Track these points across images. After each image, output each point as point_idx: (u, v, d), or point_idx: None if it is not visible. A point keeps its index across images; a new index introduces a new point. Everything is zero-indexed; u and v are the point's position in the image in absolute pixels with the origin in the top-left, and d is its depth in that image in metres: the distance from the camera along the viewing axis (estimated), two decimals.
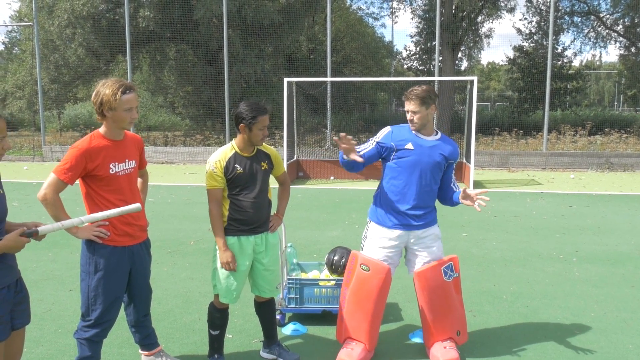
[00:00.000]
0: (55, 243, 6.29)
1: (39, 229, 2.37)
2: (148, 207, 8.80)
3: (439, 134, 3.65)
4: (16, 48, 25.97)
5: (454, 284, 3.62)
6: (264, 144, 3.41)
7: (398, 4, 25.79)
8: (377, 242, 3.57)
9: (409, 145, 3.49)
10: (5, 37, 28.89)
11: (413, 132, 3.55)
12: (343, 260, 4.28)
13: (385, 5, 27.40)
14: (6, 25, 26.18)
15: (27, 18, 20.71)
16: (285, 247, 4.42)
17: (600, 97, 43.81)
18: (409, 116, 3.52)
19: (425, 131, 3.55)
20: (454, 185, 3.75)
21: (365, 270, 3.47)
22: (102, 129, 2.96)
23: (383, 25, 48.30)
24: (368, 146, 3.57)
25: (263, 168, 3.34)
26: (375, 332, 3.57)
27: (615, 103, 38.80)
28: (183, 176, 12.77)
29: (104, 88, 2.86)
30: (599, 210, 8.73)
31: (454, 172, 3.75)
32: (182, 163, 15.53)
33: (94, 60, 19.92)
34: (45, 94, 18.36)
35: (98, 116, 2.91)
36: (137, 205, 2.67)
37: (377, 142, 3.55)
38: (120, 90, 2.85)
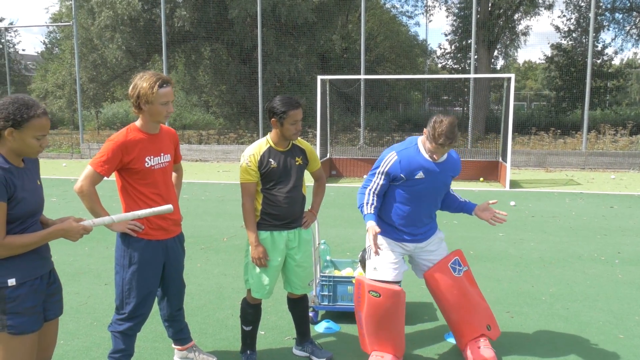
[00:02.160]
0: (91, 238, 6.40)
1: (90, 221, 2.40)
2: (182, 203, 8.90)
3: None
4: (56, 48, 26.67)
5: (466, 278, 3.52)
6: (300, 139, 3.37)
7: (433, 2, 25.49)
8: (385, 248, 3.44)
9: (420, 175, 3.32)
10: (45, 38, 29.65)
11: (423, 154, 3.34)
12: None
13: (419, 4, 27.11)
14: (47, 26, 26.94)
15: (67, 17, 21.26)
16: (319, 243, 4.38)
17: None
18: (435, 153, 3.29)
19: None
20: (452, 191, 3.66)
21: (375, 296, 3.31)
22: (138, 122, 2.98)
23: (417, 24, 47.60)
24: (377, 181, 3.37)
25: (297, 163, 3.30)
26: (401, 341, 3.47)
27: None
28: (216, 174, 12.88)
29: (142, 81, 2.86)
30: None
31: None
32: (215, 161, 15.68)
33: (131, 59, 20.31)
34: (84, 93, 18.81)
35: (134, 109, 2.92)
36: (169, 206, 2.65)
37: (386, 173, 3.35)
38: (157, 83, 2.85)
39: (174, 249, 3.13)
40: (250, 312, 3.39)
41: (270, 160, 3.21)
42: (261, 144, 3.25)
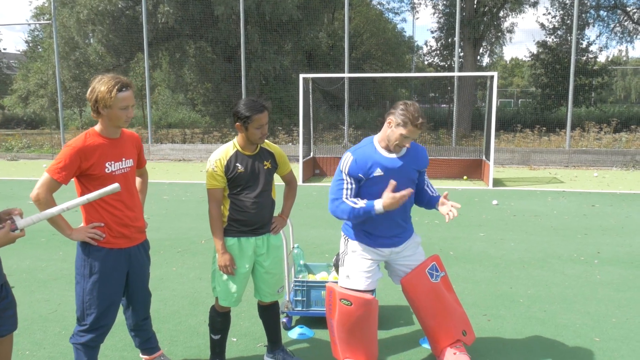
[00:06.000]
0: (66, 241, 6.27)
1: (17, 223, 2.23)
2: (161, 204, 8.86)
3: None
4: (39, 47, 26.32)
5: (443, 284, 3.45)
6: (267, 141, 3.29)
7: None
8: (359, 255, 3.34)
9: (378, 172, 3.18)
10: (28, 36, 29.21)
11: (379, 151, 3.22)
12: None
13: (406, 0, 27.08)
14: (28, 24, 26.54)
15: (48, 14, 20.94)
16: (293, 247, 4.31)
17: (627, 93, 42.70)
18: (404, 142, 3.13)
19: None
20: (428, 187, 3.49)
21: (347, 304, 3.23)
22: (97, 127, 2.87)
23: (404, 20, 47.81)
24: (347, 186, 3.20)
25: (266, 167, 3.22)
26: (374, 349, 3.39)
27: None
28: (199, 174, 12.75)
29: (100, 84, 2.76)
30: (623, 210, 8.43)
31: (426, 174, 3.51)
32: (199, 160, 15.54)
33: (114, 57, 20.07)
34: (67, 91, 18.57)
35: (93, 113, 2.82)
36: (117, 185, 2.53)
37: (347, 175, 3.20)
38: (116, 87, 2.75)
39: (137, 258, 3.04)
40: (219, 320, 3.31)
41: (237, 164, 3.12)
42: (228, 148, 3.17)
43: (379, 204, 3.09)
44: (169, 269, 5.44)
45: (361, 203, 3.14)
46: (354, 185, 3.22)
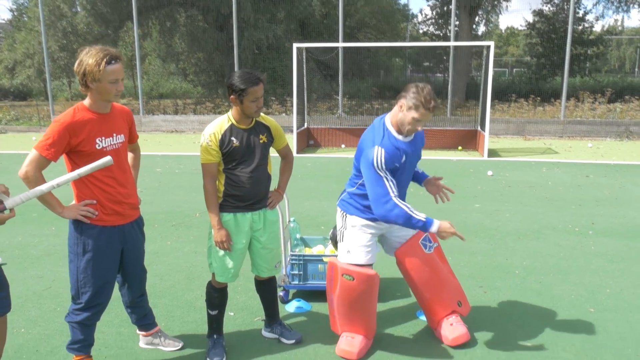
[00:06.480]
0: (58, 217, 6.19)
1: (5, 203, 2.16)
2: (154, 177, 8.77)
3: None
4: (25, 16, 25.71)
5: (437, 254, 3.44)
6: (263, 115, 3.21)
7: None
8: (358, 229, 3.31)
9: (404, 158, 3.16)
10: (12, 4, 28.43)
11: (396, 136, 3.14)
12: None
13: None
14: None
15: None
16: (289, 221, 4.27)
17: (621, 63, 42.50)
18: (417, 125, 3.06)
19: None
20: None
21: (349, 279, 3.20)
22: (86, 101, 2.77)
23: None
24: (388, 183, 3.07)
25: (261, 141, 3.15)
26: (373, 323, 3.40)
27: (637, 70, 37.64)
28: (192, 145, 12.64)
29: (88, 57, 2.65)
30: (617, 181, 8.45)
31: None
32: (191, 132, 15.39)
33: (103, 27, 19.65)
34: (55, 62, 18.21)
35: (81, 87, 2.72)
36: (109, 158, 2.45)
37: (387, 171, 3.07)
38: (105, 60, 2.64)
39: (131, 235, 2.98)
40: (216, 296, 3.28)
41: (232, 138, 3.05)
42: (222, 122, 3.09)
43: (435, 227, 3.05)
44: (163, 243, 5.41)
45: (420, 215, 3.04)
46: (394, 180, 3.11)
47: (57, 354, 3.30)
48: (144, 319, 3.29)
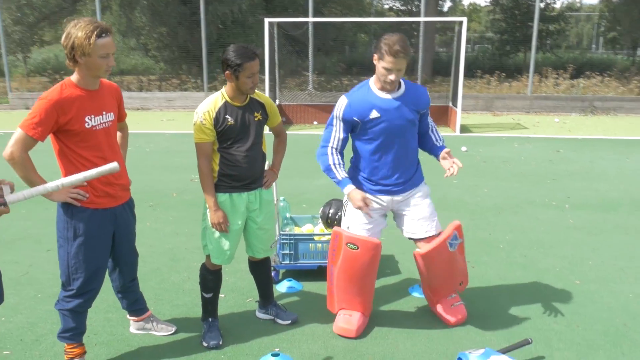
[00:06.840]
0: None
1: (7, 198, 2.04)
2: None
3: (402, 84, 3.16)
4: None
5: (458, 250, 3.37)
6: (258, 91, 3.09)
7: None
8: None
9: (374, 113, 3.06)
10: None
11: (374, 92, 3.09)
12: (339, 214, 4.07)
13: None
14: None
15: None
16: (278, 200, 4.19)
17: (579, 39, 43.43)
18: (391, 76, 2.96)
19: (390, 87, 3.07)
20: (432, 132, 3.35)
21: (353, 248, 3.13)
22: (74, 77, 2.60)
23: None
24: (336, 134, 3.17)
25: (256, 119, 3.04)
26: (370, 301, 3.37)
27: (593, 46, 38.55)
28: (160, 123, 12.29)
29: (77, 30, 2.47)
30: (586, 155, 8.65)
31: (430, 118, 3.37)
32: (158, 109, 14.97)
33: None
34: (8, 36, 17.32)
35: (69, 62, 2.54)
36: (115, 164, 2.33)
37: (341, 120, 3.13)
38: (95, 32, 2.47)
39: (123, 217, 2.85)
40: (211, 278, 3.19)
41: (227, 116, 2.93)
42: (216, 99, 2.96)
43: (348, 189, 3.15)
44: (143, 225, 5.22)
45: (339, 171, 3.19)
46: (343, 135, 3.19)
47: (43, 342, 3.16)
48: (135, 303, 3.18)
